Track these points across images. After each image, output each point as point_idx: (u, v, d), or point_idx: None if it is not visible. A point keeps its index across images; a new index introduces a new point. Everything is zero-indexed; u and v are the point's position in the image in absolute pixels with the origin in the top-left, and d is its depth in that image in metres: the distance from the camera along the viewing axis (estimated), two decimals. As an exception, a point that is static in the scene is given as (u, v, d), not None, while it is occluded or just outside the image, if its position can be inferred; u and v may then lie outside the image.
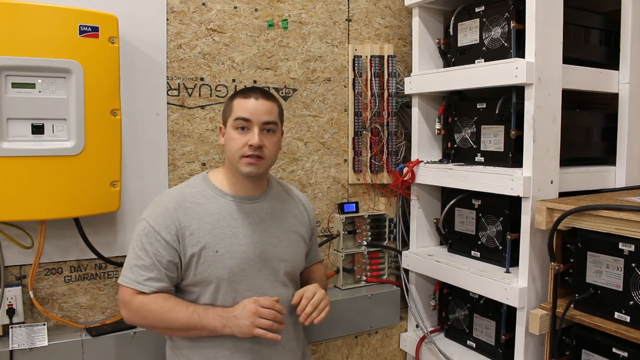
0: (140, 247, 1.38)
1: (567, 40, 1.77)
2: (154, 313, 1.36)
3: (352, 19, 2.18)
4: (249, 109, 1.41)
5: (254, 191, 1.50)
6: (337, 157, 2.19)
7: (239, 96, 1.46)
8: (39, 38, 1.46)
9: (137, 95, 1.76)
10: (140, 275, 1.37)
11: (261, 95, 1.44)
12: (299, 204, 1.64)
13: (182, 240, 1.38)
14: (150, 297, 1.36)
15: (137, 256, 1.38)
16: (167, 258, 1.37)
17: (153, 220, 1.39)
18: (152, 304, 1.36)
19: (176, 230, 1.38)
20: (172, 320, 1.36)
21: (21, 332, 1.58)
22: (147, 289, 1.36)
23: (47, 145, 1.50)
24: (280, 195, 1.59)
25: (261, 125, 1.41)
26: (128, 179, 1.74)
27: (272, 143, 1.44)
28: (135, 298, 1.37)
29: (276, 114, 1.46)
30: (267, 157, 1.43)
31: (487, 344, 1.97)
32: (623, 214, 1.42)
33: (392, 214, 2.29)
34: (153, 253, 1.37)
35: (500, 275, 1.81)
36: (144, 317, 1.38)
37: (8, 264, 1.62)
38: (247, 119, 1.41)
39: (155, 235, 1.37)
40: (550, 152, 1.74)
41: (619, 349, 1.47)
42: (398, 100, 2.22)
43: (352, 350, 2.20)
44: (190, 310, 1.37)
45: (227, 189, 1.47)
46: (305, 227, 1.62)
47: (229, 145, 1.43)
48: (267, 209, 1.51)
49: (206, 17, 1.88)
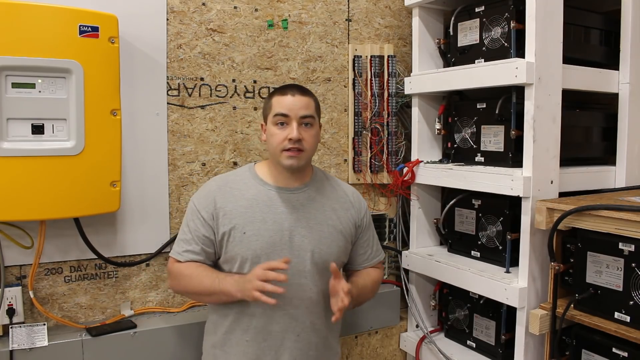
0: (185, 224, 1.55)
1: (567, 40, 1.77)
2: (186, 278, 1.50)
3: (352, 19, 2.18)
4: (287, 104, 1.49)
5: (293, 182, 1.56)
6: (337, 157, 2.19)
7: (277, 94, 1.53)
8: (39, 38, 1.46)
9: (137, 95, 1.76)
10: (181, 247, 1.53)
11: (297, 91, 1.51)
12: (345, 200, 1.63)
13: (217, 219, 1.50)
14: (185, 265, 1.51)
15: (183, 231, 1.55)
16: (204, 233, 1.50)
17: (197, 200, 1.54)
18: (185, 270, 1.50)
19: (212, 210, 1.50)
20: (199, 283, 1.48)
21: (21, 332, 1.58)
22: (183, 258, 1.51)
23: (47, 145, 1.50)
24: (323, 189, 1.61)
25: (299, 120, 1.48)
26: (128, 179, 1.74)
27: (311, 136, 1.51)
28: (174, 265, 1.53)
29: (313, 108, 1.53)
30: (306, 149, 1.50)
31: (487, 344, 1.97)
32: (623, 214, 1.42)
33: (392, 214, 2.29)
34: (193, 229, 1.51)
35: (500, 275, 1.81)
36: (179, 281, 1.53)
37: (8, 264, 1.62)
38: (285, 115, 1.48)
39: (196, 213, 1.52)
40: (550, 152, 1.74)
41: (619, 349, 1.47)
42: (398, 100, 2.22)
43: (352, 350, 2.20)
44: (214, 276, 1.48)
45: (268, 178, 1.56)
46: (349, 222, 1.61)
47: (270, 141, 1.51)
48: (304, 200, 1.55)
49: (206, 17, 1.88)
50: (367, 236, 1.68)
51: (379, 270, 1.73)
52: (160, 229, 1.83)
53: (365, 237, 1.67)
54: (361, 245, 1.67)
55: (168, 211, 1.84)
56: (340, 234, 1.58)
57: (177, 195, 1.86)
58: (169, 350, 1.75)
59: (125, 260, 1.80)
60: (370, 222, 1.70)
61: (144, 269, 1.84)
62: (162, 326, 1.76)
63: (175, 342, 1.76)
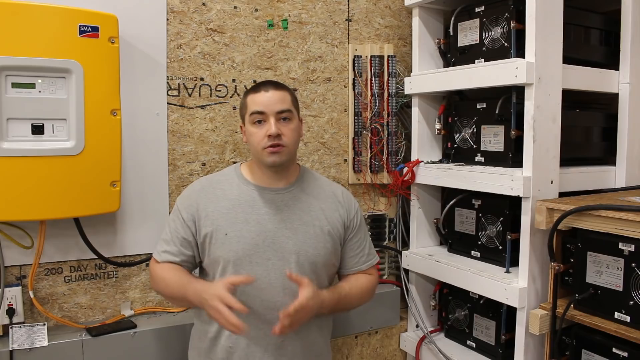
0: (168, 223, 1.54)
1: (567, 40, 1.77)
2: (160, 280, 1.48)
3: (352, 19, 2.18)
4: (262, 101, 1.46)
5: (278, 182, 1.53)
6: (337, 157, 2.19)
7: (250, 92, 1.51)
8: (39, 38, 1.46)
9: (137, 95, 1.76)
10: (161, 247, 1.51)
11: (271, 87, 1.48)
12: (333, 200, 1.58)
13: (198, 221, 1.48)
14: (162, 266, 1.49)
15: (164, 231, 1.53)
16: (182, 235, 1.48)
17: (180, 200, 1.54)
18: (160, 272, 1.49)
19: (194, 211, 1.48)
20: (171, 287, 1.46)
21: (21, 332, 1.58)
22: (160, 258, 1.49)
23: (47, 145, 1.50)
24: (309, 189, 1.57)
25: (276, 115, 1.45)
26: (128, 179, 1.74)
27: (290, 130, 1.48)
28: (154, 266, 1.52)
29: (289, 101, 1.50)
30: (287, 144, 1.47)
31: (487, 344, 1.97)
32: (623, 214, 1.42)
33: (392, 214, 2.29)
34: (173, 229, 1.50)
35: (500, 275, 1.81)
36: (157, 283, 1.51)
37: (8, 264, 1.62)
38: (261, 112, 1.46)
39: (177, 214, 1.51)
40: (550, 152, 1.74)
41: (619, 349, 1.47)
42: (398, 100, 2.22)
43: (352, 350, 2.20)
44: (182, 282, 1.44)
45: (252, 178, 1.54)
46: (337, 223, 1.55)
47: (251, 141, 1.49)
48: (289, 200, 1.52)
49: (206, 17, 1.88)
50: (358, 238, 1.61)
51: (371, 276, 1.63)
52: (160, 229, 1.80)
53: (355, 239, 1.60)
54: (351, 247, 1.59)
55: (168, 211, 1.84)
56: (327, 235, 1.52)
57: (177, 195, 1.84)
58: (169, 350, 1.75)
59: (125, 260, 1.80)
60: (362, 223, 1.62)
61: (144, 269, 1.83)
62: (162, 326, 1.76)
63: (175, 342, 1.76)
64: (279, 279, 1.45)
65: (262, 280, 1.44)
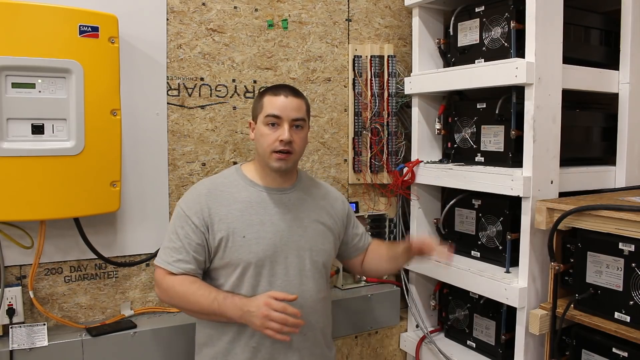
0: (173, 231, 1.47)
1: (567, 40, 1.77)
2: (179, 295, 1.43)
3: (352, 19, 2.18)
4: (279, 106, 1.47)
5: (283, 183, 1.55)
6: (337, 157, 2.19)
7: (269, 93, 1.51)
8: (39, 38, 1.46)
9: (137, 95, 1.76)
10: (170, 256, 1.44)
11: (290, 93, 1.50)
12: (330, 196, 1.67)
13: (211, 225, 1.45)
14: (178, 279, 1.43)
15: (170, 239, 1.46)
16: (195, 241, 1.44)
17: (185, 205, 1.48)
18: (178, 286, 1.42)
19: (205, 216, 1.45)
20: (194, 303, 1.42)
21: (21, 332, 1.58)
22: (175, 269, 1.43)
23: (47, 145, 1.50)
24: (308, 188, 1.62)
25: (291, 122, 1.47)
26: (128, 179, 1.74)
27: (301, 138, 1.51)
28: (166, 278, 1.44)
29: (304, 110, 1.52)
30: (295, 152, 1.50)
31: (487, 344, 1.97)
32: (623, 214, 1.42)
33: (392, 214, 2.29)
34: (184, 236, 1.44)
35: (500, 275, 1.81)
36: (172, 297, 1.45)
37: (8, 264, 1.62)
38: (277, 116, 1.47)
39: (186, 220, 1.45)
40: (550, 152, 1.74)
41: (619, 349, 1.47)
42: (398, 100, 2.22)
43: (352, 350, 2.20)
44: (212, 297, 1.41)
45: (258, 180, 1.54)
46: (335, 218, 1.63)
47: (260, 141, 1.49)
48: (295, 200, 1.56)
49: (206, 17, 1.88)
50: (354, 222, 1.73)
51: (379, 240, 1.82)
52: (160, 229, 1.83)
53: (353, 223, 1.72)
54: (355, 232, 1.72)
55: (168, 211, 1.84)
56: (330, 231, 1.60)
57: (177, 195, 1.86)
58: (169, 350, 1.75)
59: (125, 260, 1.80)
60: (352, 209, 1.76)
61: (144, 269, 1.84)
62: (162, 326, 1.76)
63: (175, 342, 1.76)
64: (297, 276, 1.50)
65: (282, 278, 1.48)
